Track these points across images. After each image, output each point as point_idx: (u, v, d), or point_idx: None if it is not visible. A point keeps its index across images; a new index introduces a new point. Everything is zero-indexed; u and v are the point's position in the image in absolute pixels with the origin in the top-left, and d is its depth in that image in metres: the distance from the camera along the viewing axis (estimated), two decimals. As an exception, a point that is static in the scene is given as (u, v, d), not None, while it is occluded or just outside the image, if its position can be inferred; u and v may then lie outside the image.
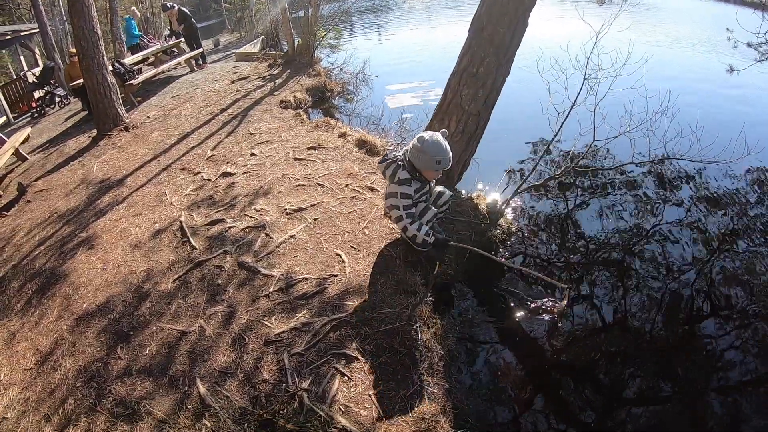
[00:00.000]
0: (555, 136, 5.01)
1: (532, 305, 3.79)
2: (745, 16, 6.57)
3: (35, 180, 7.26)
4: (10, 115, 12.97)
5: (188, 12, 13.63)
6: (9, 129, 11.56)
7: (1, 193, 7.20)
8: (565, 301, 3.73)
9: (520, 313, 3.82)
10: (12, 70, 19.75)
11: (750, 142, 4.98)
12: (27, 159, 8.50)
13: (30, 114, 13.10)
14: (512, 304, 3.95)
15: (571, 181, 5.86)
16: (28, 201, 6.56)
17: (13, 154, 8.26)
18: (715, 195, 5.44)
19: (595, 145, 5.25)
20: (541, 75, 5.20)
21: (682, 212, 5.17)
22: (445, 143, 3.40)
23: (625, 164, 5.52)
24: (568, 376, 3.36)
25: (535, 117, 5.79)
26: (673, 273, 4.27)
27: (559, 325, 3.61)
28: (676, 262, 4.41)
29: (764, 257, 4.45)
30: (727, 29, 8.02)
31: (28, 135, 9.29)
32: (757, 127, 6.99)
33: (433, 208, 3.83)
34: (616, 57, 4.97)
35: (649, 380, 3.26)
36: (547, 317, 3.68)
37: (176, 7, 13.44)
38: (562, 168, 5.39)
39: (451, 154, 3.42)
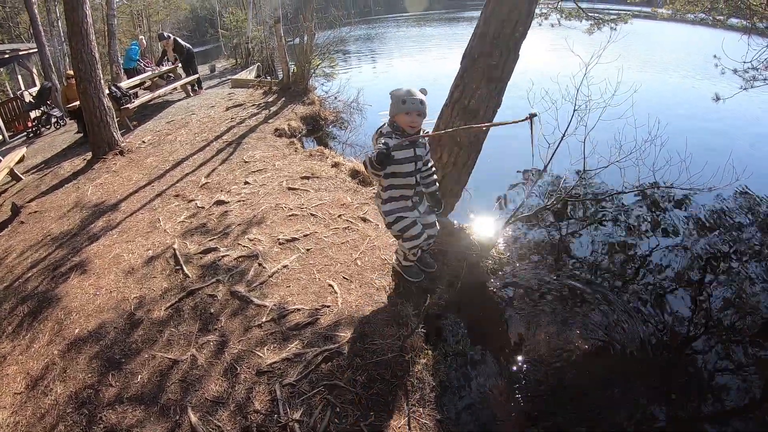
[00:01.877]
0: (546, 166, 5.12)
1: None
2: (732, 41, 6.79)
3: (29, 201, 7.27)
4: (6, 134, 13.01)
5: (183, 42, 13.76)
6: (4, 148, 11.56)
7: (-6, 213, 7.21)
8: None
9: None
10: (9, 89, 19.82)
11: (738, 167, 5.10)
12: (21, 179, 8.53)
13: (26, 134, 13.13)
14: (503, 335, 4.01)
15: (563, 210, 5.97)
16: (22, 222, 6.57)
17: (7, 173, 8.27)
18: (705, 220, 5.59)
19: (586, 175, 5.36)
20: (532, 106, 5.30)
21: (673, 238, 5.30)
22: (415, 90, 3.34)
23: (616, 193, 5.64)
24: (562, 405, 3.39)
25: (526, 148, 5.89)
26: (666, 298, 4.36)
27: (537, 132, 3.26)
28: (669, 287, 4.51)
29: (755, 279, 4.56)
30: (714, 56, 8.31)
31: (23, 155, 9.30)
32: (745, 152, 7.21)
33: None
34: (606, 87, 5.09)
35: (644, 406, 3.30)
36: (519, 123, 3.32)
37: (172, 38, 13.61)
38: (553, 198, 5.50)
39: (420, 97, 3.31)
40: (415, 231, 3.65)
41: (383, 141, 3.29)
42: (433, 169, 3.75)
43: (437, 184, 3.82)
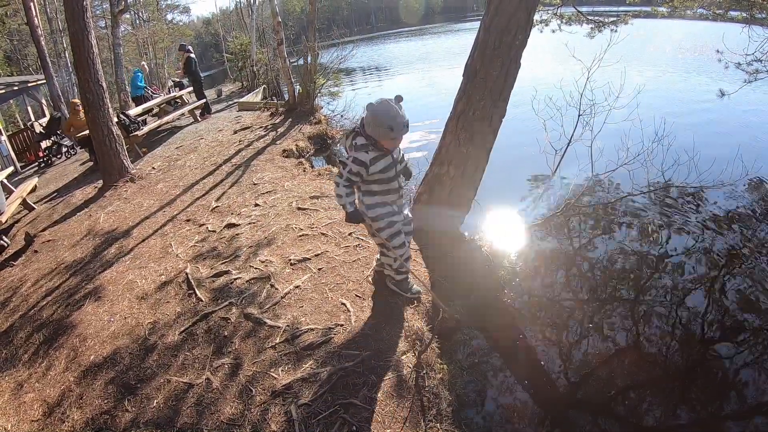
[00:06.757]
0: (554, 173, 5.10)
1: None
2: (734, 34, 6.76)
3: (42, 230, 7.35)
4: (18, 165, 13.19)
5: (194, 61, 13.85)
6: (16, 179, 11.72)
7: (9, 242, 7.28)
8: None
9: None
10: (20, 120, 20.15)
11: (747, 160, 5.05)
12: (34, 209, 8.62)
13: (37, 164, 13.32)
14: (519, 345, 3.98)
15: (574, 216, 5.94)
16: (36, 251, 6.63)
17: (20, 203, 8.38)
18: (718, 216, 5.55)
19: (595, 179, 5.32)
20: (536, 114, 5.29)
21: (687, 237, 5.25)
22: (396, 107, 3.16)
23: (626, 196, 5.59)
24: (583, 413, 3.37)
25: (533, 155, 5.87)
26: (684, 299, 4.32)
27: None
28: (686, 287, 4.46)
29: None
30: (717, 51, 8.30)
31: (36, 185, 9.44)
32: (753, 145, 7.16)
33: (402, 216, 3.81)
34: (609, 90, 5.06)
35: (666, 409, 3.27)
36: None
37: (189, 54, 13.74)
38: (564, 204, 5.46)
39: (404, 118, 3.17)
40: (401, 240, 3.72)
41: (360, 155, 3.28)
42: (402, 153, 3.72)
43: (406, 159, 3.77)
